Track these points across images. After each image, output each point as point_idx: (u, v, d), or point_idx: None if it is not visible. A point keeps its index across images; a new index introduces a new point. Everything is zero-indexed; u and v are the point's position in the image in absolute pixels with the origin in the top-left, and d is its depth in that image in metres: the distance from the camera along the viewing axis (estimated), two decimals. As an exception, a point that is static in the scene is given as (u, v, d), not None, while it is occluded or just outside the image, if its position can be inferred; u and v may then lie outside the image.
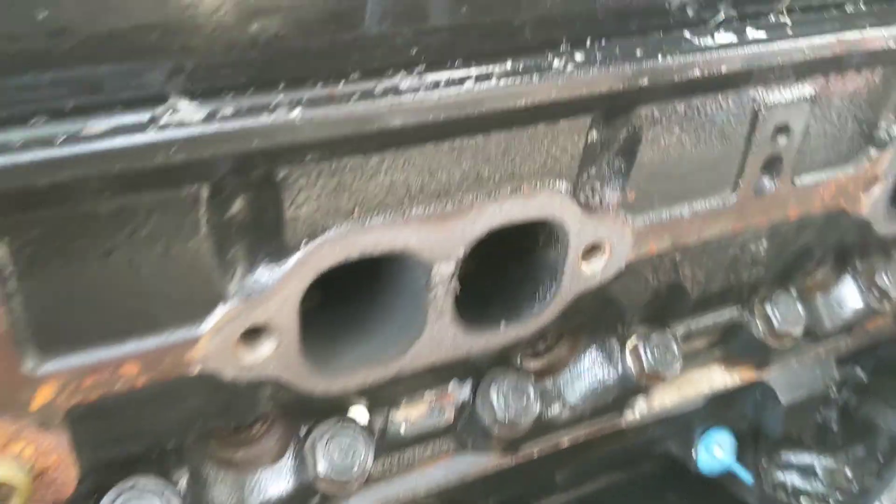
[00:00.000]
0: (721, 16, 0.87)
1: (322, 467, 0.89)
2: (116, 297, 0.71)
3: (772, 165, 1.01)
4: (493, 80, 0.74)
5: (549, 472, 1.53)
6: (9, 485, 0.73)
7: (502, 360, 1.03)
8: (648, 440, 1.37)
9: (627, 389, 1.10)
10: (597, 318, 1.05)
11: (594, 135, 0.88)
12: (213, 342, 0.77)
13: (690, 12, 0.86)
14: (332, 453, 0.90)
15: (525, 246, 0.96)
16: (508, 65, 0.75)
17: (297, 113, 0.66)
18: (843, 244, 1.22)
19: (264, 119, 0.65)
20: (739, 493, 1.63)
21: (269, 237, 0.76)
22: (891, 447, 1.41)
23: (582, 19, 0.80)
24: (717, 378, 1.25)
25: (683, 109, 0.91)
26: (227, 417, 0.84)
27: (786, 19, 0.90)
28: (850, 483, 1.52)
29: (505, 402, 0.99)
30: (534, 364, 1.10)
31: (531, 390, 1.01)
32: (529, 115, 0.80)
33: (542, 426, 1.08)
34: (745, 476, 1.32)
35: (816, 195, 1.07)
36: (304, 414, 0.93)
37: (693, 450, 1.33)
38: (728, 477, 1.63)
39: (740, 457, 1.54)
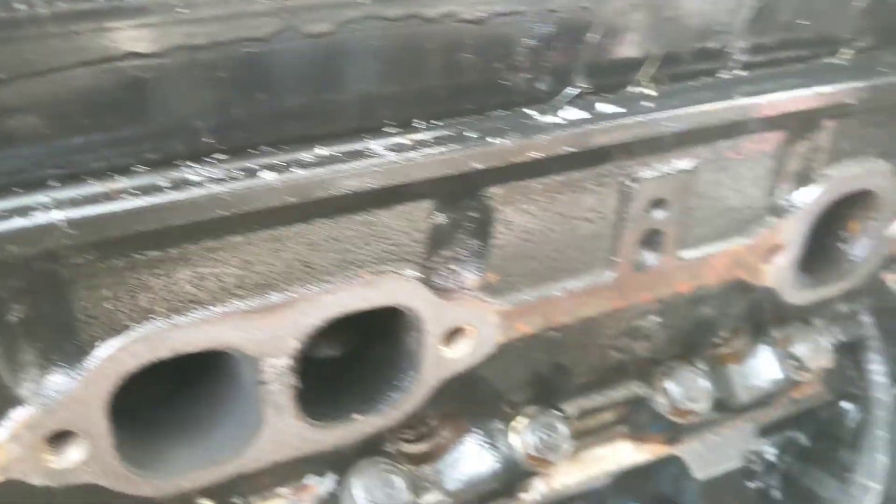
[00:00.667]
0: (570, 91, 0.82)
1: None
2: None
3: (651, 240, 0.95)
4: (299, 171, 0.69)
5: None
6: None
7: (373, 447, 0.97)
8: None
9: (514, 473, 1.04)
10: (475, 401, 1.00)
11: (440, 218, 0.82)
12: (12, 448, 0.72)
13: (540, 87, 0.81)
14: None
15: (385, 333, 0.91)
16: (315, 152, 0.71)
17: (58, 215, 0.61)
18: (755, 315, 1.16)
19: (22, 222, 0.61)
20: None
21: (61, 339, 0.71)
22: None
23: (409, 100, 0.76)
24: (626, 454, 1.19)
25: (538, 188, 0.85)
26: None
27: (649, 90, 0.85)
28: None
29: (370, 495, 0.93)
30: (413, 448, 1.04)
31: (400, 482, 0.95)
32: (352, 203, 0.75)
33: (419, 514, 1.02)
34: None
35: (709, 268, 1.01)
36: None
37: (607, 527, 1.25)
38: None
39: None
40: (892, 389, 1.31)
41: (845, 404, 1.44)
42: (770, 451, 1.51)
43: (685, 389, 1.10)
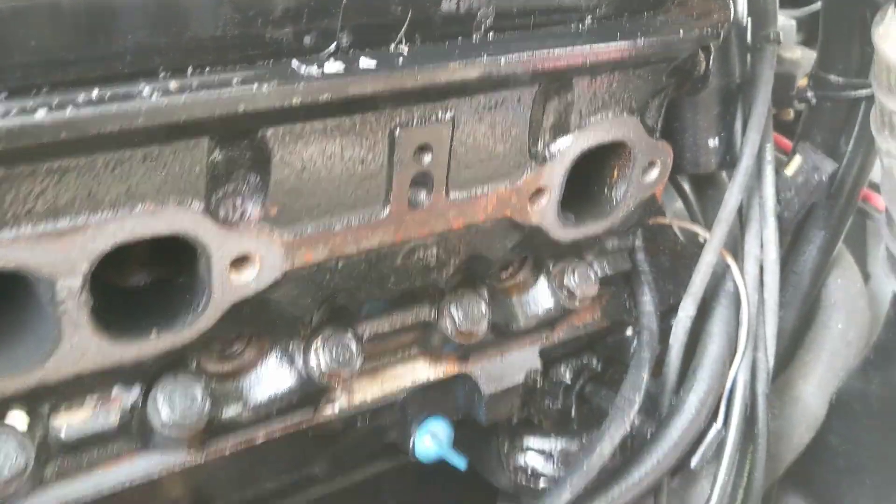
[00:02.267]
0: (333, 47, 0.95)
1: (-31, 471, 0.93)
2: None
3: (422, 181, 1.10)
4: (70, 109, 0.79)
5: (296, 459, 1.60)
6: None
7: (177, 364, 1.09)
8: (367, 433, 1.45)
9: (312, 388, 1.18)
10: (272, 324, 1.12)
11: (218, 155, 0.94)
12: None
13: (306, 42, 0.94)
14: (-18, 458, 0.94)
15: (184, 255, 1.02)
16: (95, 93, 0.81)
17: None
18: (532, 250, 1.33)
19: None
20: (494, 480, 1.75)
21: None
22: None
23: (180, 49, 0.86)
24: (421, 372, 1.35)
25: (311, 132, 0.98)
26: None
27: (403, 48, 0.99)
28: (582, 464, 1.64)
29: (171, 404, 1.05)
30: (219, 367, 1.16)
31: (199, 392, 1.07)
32: (131, 140, 0.86)
33: (223, 426, 1.15)
34: (459, 462, 1.42)
35: (478, 207, 1.17)
36: (-44, 421, 0.96)
37: (410, 439, 1.42)
38: (480, 465, 1.75)
39: (485, 441, 1.66)
40: (655, 318, 1.51)
41: (629, 332, 1.65)
42: (567, 376, 1.71)
43: (465, 313, 1.26)
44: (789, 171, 1.59)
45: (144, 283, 1.12)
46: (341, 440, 1.52)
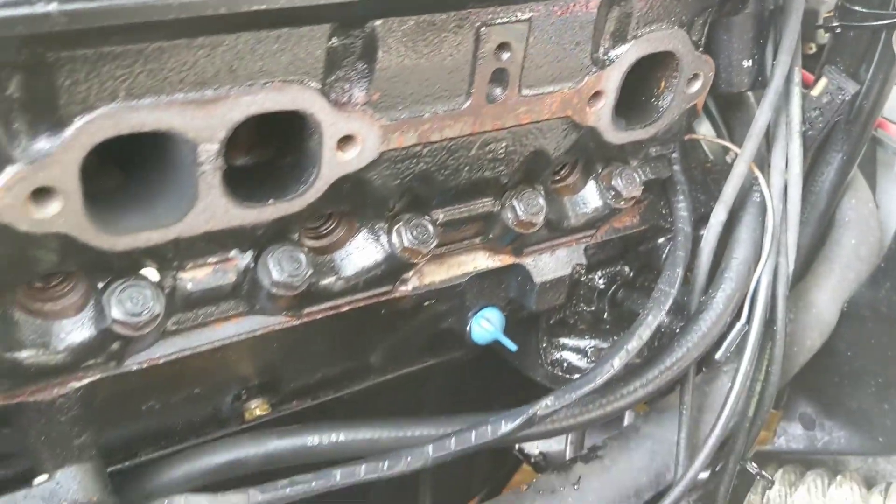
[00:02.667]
0: None
1: (116, 313, 1.09)
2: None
3: (500, 77, 1.24)
4: None
5: (358, 345, 1.76)
6: None
7: (282, 236, 1.24)
8: (430, 318, 1.61)
9: (393, 263, 1.33)
10: (362, 202, 1.27)
11: (335, 42, 1.08)
12: (5, 198, 0.94)
13: None
14: (124, 303, 1.09)
15: (295, 135, 1.16)
16: None
17: (53, 6, 0.83)
18: (585, 151, 1.47)
19: (24, 10, 0.83)
20: (531, 374, 1.92)
21: (46, 113, 0.93)
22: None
23: None
24: (481, 261, 1.50)
25: (412, 25, 1.12)
26: (27, 265, 1.02)
27: None
28: (614, 360, 1.80)
29: (280, 266, 1.20)
30: (315, 243, 1.31)
31: (303, 258, 1.22)
32: (268, 21, 1.00)
33: (321, 292, 1.30)
34: (510, 345, 1.58)
35: (544, 105, 1.31)
36: (101, 273, 1.11)
37: (468, 324, 1.58)
38: (519, 360, 1.91)
39: (525, 340, 1.82)
40: (689, 222, 1.66)
41: (661, 240, 1.80)
42: (601, 283, 1.87)
43: (526, 206, 1.41)
44: (815, 91, 1.74)
45: (249, 164, 1.27)
46: (402, 328, 1.68)
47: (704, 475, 1.81)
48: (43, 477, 1.20)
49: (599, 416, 1.62)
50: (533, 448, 2.72)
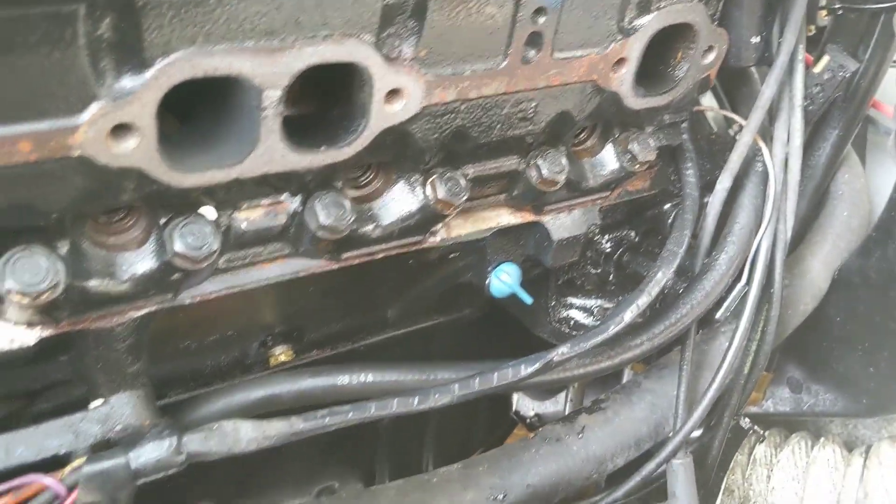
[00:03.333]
0: None
1: (178, 245, 1.17)
2: (15, 87, 0.96)
3: (535, 40, 1.33)
4: None
5: (380, 299, 1.85)
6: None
7: (327, 184, 1.32)
8: (453, 271, 1.70)
9: (427, 214, 1.42)
10: (402, 154, 1.36)
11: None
12: (89, 132, 1.02)
13: None
14: (185, 237, 1.18)
15: (349, 88, 1.24)
16: None
17: None
18: (604, 116, 1.57)
19: None
20: (538, 331, 2.02)
21: (131, 54, 1.01)
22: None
23: None
24: (504, 218, 1.59)
25: (463, -14, 1.21)
26: (102, 197, 1.10)
27: None
28: (619, 319, 1.91)
29: (326, 211, 1.29)
30: (355, 193, 1.40)
31: (347, 204, 1.30)
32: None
33: (359, 238, 1.39)
34: (526, 298, 1.68)
35: (573, 68, 1.40)
36: (164, 209, 1.19)
37: (486, 278, 1.68)
38: (528, 318, 2.01)
39: (535, 297, 1.92)
40: (697, 188, 1.77)
41: (667, 206, 1.91)
42: (608, 246, 1.98)
43: (550, 164, 1.51)
44: (817, 68, 1.84)
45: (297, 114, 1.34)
46: (424, 281, 1.78)
47: (698, 432, 1.93)
48: (99, 401, 1.29)
49: (607, 367, 1.72)
50: (529, 410, 2.84)
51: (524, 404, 2.83)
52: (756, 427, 2.02)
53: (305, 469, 2.35)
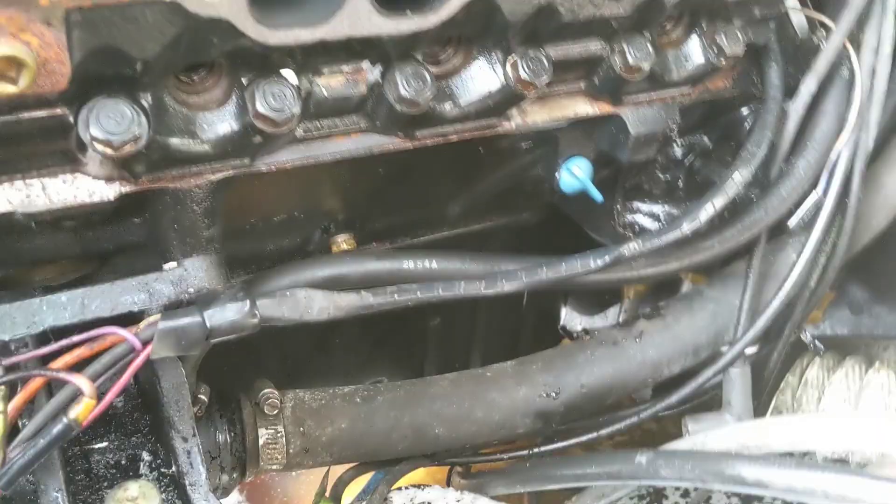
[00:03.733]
0: None
1: (260, 106, 1.14)
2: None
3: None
4: None
5: (443, 193, 1.83)
6: (22, 63, 0.96)
7: (408, 55, 1.28)
8: (522, 163, 1.67)
9: (507, 94, 1.37)
10: (485, 28, 1.31)
11: None
12: (184, -25, 0.99)
13: None
14: (267, 98, 1.15)
15: None
16: None
17: None
18: (693, 4, 1.50)
19: None
20: (599, 235, 1.99)
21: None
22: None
23: None
24: (581, 107, 1.54)
25: None
26: (189, 48, 1.07)
27: None
28: (685, 225, 1.86)
29: (407, 82, 1.25)
30: (434, 69, 1.35)
31: (428, 77, 1.27)
32: None
33: (436, 116, 1.35)
34: (596, 195, 1.65)
35: (666, -53, 1.33)
36: (247, 69, 1.17)
37: (557, 172, 1.64)
38: (590, 222, 1.98)
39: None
40: (780, 90, 1.70)
41: (743, 111, 1.84)
42: (679, 151, 1.92)
43: (636, 51, 1.45)
44: (915, -29, 1.74)
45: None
46: (493, 172, 1.75)
47: (757, 346, 1.90)
48: (173, 263, 1.29)
49: (675, 269, 1.69)
50: (576, 324, 2.83)
51: (572, 318, 2.82)
52: (817, 342, 1.99)
53: (354, 363, 2.37)
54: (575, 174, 1.61)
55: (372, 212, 1.80)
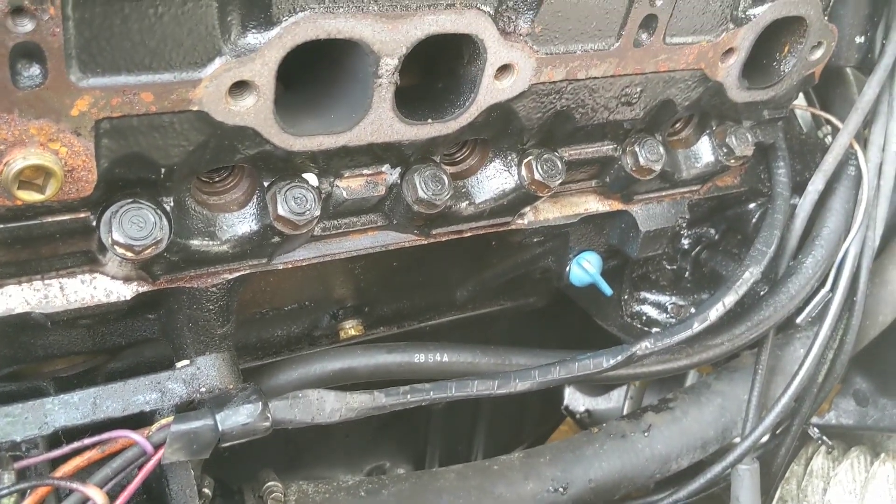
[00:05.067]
0: None
1: (281, 209, 1.15)
2: (143, 36, 0.94)
3: (649, 23, 1.29)
4: None
5: (452, 280, 1.83)
6: (49, 172, 0.97)
7: (426, 158, 1.30)
8: (533, 255, 1.68)
9: (521, 194, 1.39)
10: (502, 132, 1.33)
11: (512, -27, 1.14)
12: (209, 87, 1.01)
13: None
14: (289, 201, 1.16)
15: (454, 62, 1.22)
16: None
17: None
18: (704, 107, 1.53)
19: None
20: (606, 324, 1.98)
21: (260, 10, 0.99)
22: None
23: None
24: (592, 204, 1.56)
25: (587, -35, 1.17)
26: (214, 154, 1.08)
27: None
28: (692, 317, 1.87)
29: (425, 184, 1.26)
30: (450, 169, 1.37)
31: (446, 179, 1.28)
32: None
33: (451, 215, 1.36)
34: (606, 289, 1.65)
35: (682, 55, 1.36)
36: (269, 171, 1.18)
37: (567, 266, 1.65)
38: (597, 310, 1.98)
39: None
40: (788, 188, 1.72)
41: (751, 205, 1.86)
42: (686, 243, 1.94)
43: (647, 152, 1.47)
44: (920, 73, 1.78)
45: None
46: (503, 262, 1.75)
47: (765, 438, 1.89)
48: (185, 361, 1.28)
49: (685, 365, 1.69)
50: (580, 405, 2.81)
51: (575, 399, 2.80)
52: (825, 437, 1.97)
53: (357, 447, 2.34)
54: (585, 269, 1.62)
55: (381, 298, 1.80)
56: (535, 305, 2.12)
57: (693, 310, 1.91)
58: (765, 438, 1.87)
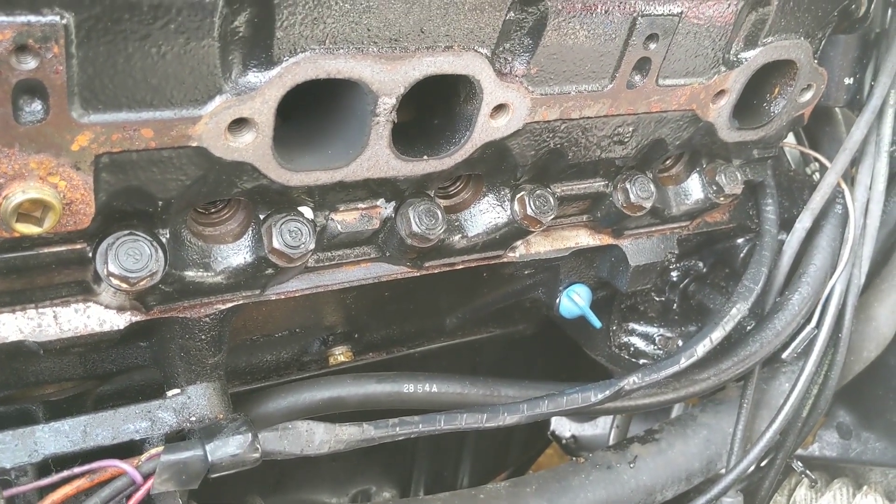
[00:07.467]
0: None
1: (276, 242, 1.16)
2: (145, 74, 0.95)
3: (642, 66, 1.31)
4: None
5: (442, 307, 1.84)
6: (48, 205, 0.97)
7: (421, 192, 1.31)
8: (523, 287, 1.69)
9: (512, 230, 1.40)
10: (496, 168, 1.34)
11: (511, 14, 1.15)
12: (209, 123, 1.02)
13: None
14: (284, 235, 1.17)
15: (451, 100, 1.23)
16: None
17: None
18: (695, 146, 1.55)
19: None
20: (594, 354, 2.00)
21: (260, 49, 1.01)
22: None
23: None
24: (584, 239, 1.58)
25: (581, 7, 1.19)
26: (211, 188, 1.09)
27: None
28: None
29: (419, 219, 1.28)
30: (444, 202, 1.39)
31: (440, 214, 1.29)
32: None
33: (444, 248, 1.38)
34: (595, 322, 1.67)
35: (674, 96, 1.38)
36: (265, 204, 1.19)
37: (557, 297, 1.66)
38: (585, 340, 1.99)
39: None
40: (776, 225, 1.75)
41: (739, 240, 1.88)
42: (675, 275, 1.96)
43: (638, 190, 1.49)
44: (907, 115, 1.81)
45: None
46: (494, 293, 1.77)
47: (750, 471, 1.90)
48: (176, 390, 1.28)
49: (672, 399, 1.70)
50: (566, 431, 2.82)
51: (561, 425, 2.81)
52: (807, 472, 1.99)
53: (343, 471, 2.34)
54: (575, 301, 1.64)
55: (371, 325, 1.81)
56: (524, 333, 2.13)
57: (680, 342, 1.93)
58: (749, 471, 1.89)
